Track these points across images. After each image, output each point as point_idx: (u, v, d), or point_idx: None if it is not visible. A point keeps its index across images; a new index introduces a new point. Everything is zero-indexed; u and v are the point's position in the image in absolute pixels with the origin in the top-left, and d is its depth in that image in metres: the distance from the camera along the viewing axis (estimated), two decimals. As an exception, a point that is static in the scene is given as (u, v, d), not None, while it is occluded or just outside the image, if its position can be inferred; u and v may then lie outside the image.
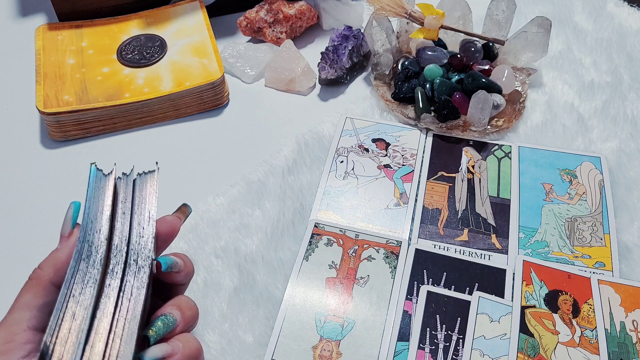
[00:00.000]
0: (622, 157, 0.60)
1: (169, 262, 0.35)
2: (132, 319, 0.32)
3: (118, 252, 0.34)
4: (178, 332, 0.34)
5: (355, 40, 0.68)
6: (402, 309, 0.49)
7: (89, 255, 0.33)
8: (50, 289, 0.33)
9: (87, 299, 0.31)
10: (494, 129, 0.62)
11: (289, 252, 0.53)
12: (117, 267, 0.33)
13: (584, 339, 0.46)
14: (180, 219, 0.38)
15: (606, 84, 0.68)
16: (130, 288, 0.33)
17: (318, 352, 0.46)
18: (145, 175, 0.37)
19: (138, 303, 0.33)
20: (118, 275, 0.33)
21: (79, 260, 0.32)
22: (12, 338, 0.31)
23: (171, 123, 0.65)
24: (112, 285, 0.33)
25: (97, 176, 0.36)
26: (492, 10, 0.68)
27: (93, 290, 0.32)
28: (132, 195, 0.36)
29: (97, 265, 0.33)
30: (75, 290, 0.32)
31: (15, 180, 0.60)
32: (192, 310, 0.36)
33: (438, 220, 0.55)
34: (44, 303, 0.33)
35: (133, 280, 0.33)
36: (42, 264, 0.34)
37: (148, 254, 0.34)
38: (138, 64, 0.67)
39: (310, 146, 0.62)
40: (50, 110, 0.60)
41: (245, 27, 0.74)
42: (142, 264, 0.34)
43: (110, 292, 0.32)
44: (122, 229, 0.35)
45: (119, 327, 0.32)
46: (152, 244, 0.35)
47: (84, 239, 0.33)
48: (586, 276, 0.50)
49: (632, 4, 0.79)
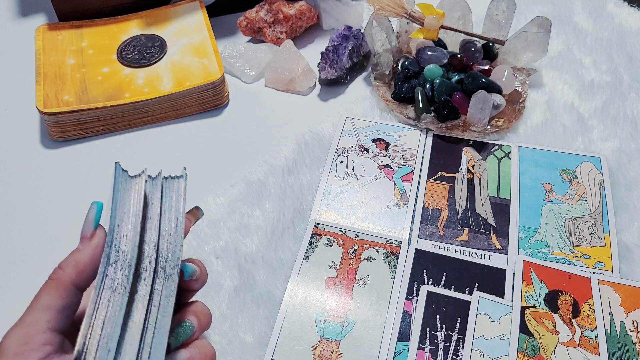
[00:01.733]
0: (622, 157, 0.60)
1: (190, 271, 0.35)
2: (161, 327, 0.32)
3: (146, 259, 0.33)
4: (195, 338, 0.35)
5: (355, 40, 0.68)
6: (402, 309, 0.49)
7: (116, 260, 0.32)
8: (72, 290, 0.33)
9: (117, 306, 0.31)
10: (494, 129, 0.62)
11: (289, 252, 0.53)
12: (145, 274, 0.33)
13: (584, 339, 0.46)
14: (191, 220, 0.38)
15: (606, 84, 0.68)
16: (159, 296, 0.33)
17: (318, 352, 0.46)
18: (173, 179, 0.36)
19: (167, 312, 0.32)
20: (147, 283, 0.33)
21: (107, 265, 0.32)
22: (30, 339, 0.31)
23: (171, 123, 0.65)
24: (141, 293, 0.32)
25: (122, 177, 0.34)
26: (492, 10, 0.68)
27: (122, 297, 0.31)
28: (160, 200, 0.35)
29: (125, 272, 0.32)
30: (104, 297, 0.31)
31: (15, 180, 0.60)
32: (207, 317, 0.37)
33: (438, 220, 0.55)
34: (65, 304, 0.32)
35: (162, 288, 0.33)
36: (63, 264, 0.33)
37: (176, 262, 0.34)
38: (138, 64, 0.67)
39: (310, 146, 0.62)
40: (50, 110, 0.60)
41: (245, 27, 0.74)
42: (171, 272, 0.33)
43: (139, 300, 0.32)
44: (151, 235, 0.34)
45: (149, 336, 0.31)
46: (180, 251, 0.34)
47: (112, 244, 0.32)
48: (586, 276, 0.50)
49: (632, 4, 0.79)
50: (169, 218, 0.35)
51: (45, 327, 0.31)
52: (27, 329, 0.31)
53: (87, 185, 0.59)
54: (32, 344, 0.30)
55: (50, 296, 0.32)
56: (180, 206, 0.35)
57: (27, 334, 0.31)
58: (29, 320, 0.31)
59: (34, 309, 0.32)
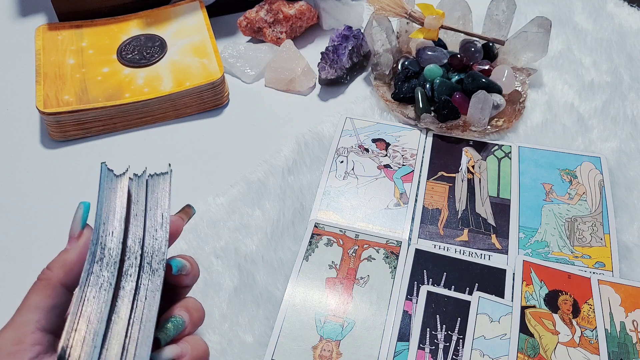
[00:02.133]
0: (622, 157, 0.60)
1: (179, 265, 0.36)
2: (147, 322, 0.32)
3: (132, 255, 0.33)
4: (187, 333, 0.35)
5: (355, 40, 0.68)
6: (402, 309, 0.49)
7: (102, 257, 0.32)
8: (60, 290, 0.33)
9: (102, 302, 0.31)
10: (494, 129, 0.62)
11: (289, 252, 0.53)
12: (131, 270, 0.33)
13: (584, 339, 0.46)
14: (183, 219, 0.38)
15: (606, 84, 0.68)
16: (144, 291, 0.33)
17: (318, 352, 0.46)
18: (158, 176, 0.36)
19: (153, 306, 0.33)
20: (133, 279, 0.33)
21: (92, 263, 0.32)
22: (21, 339, 0.31)
23: (171, 123, 0.65)
24: (127, 289, 0.33)
25: (108, 176, 0.35)
26: (492, 10, 0.68)
27: (107, 293, 0.32)
28: (145, 197, 0.36)
29: (110, 268, 0.32)
30: (89, 293, 0.31)
31: (15, 180, 0.60)
32: (199, 312, 0.36)
33: (438, 220, 0.55)
34: (53, 304, 0.32)
35: (147, 283, 0.33)
36: (51, 264, 0.34)
37: (162, 257, 0.34)
38: (138, 64, 0.67)
39: (310, 146, 0.62)
40: (50, 110, 0.60)
41: (245, 27, 0.74)
42: (156, 267, 0.34)
43: (125, 296, 0.32)
44: (136, 232, 0.34)
45: (135, 331, 0.32)
46: (165, 246, 0.34)
47: (97, 241, 0.33)
48: (586, 276, 0.50)
49: (632, 4, 0.79)
50: (155, 214, 0.35)
51: (34, 327, 0.31)
52: (17, 329, 0.31)
53: (87, 185, 0.59)
54: (23, 344, 0.31)
55: (39, 296, 0.32)
56: (166, 202, 0.35)
57: (19, 334, 0.31)
58: (20, 321, 0.32)
59: (23, 310, 0.32)
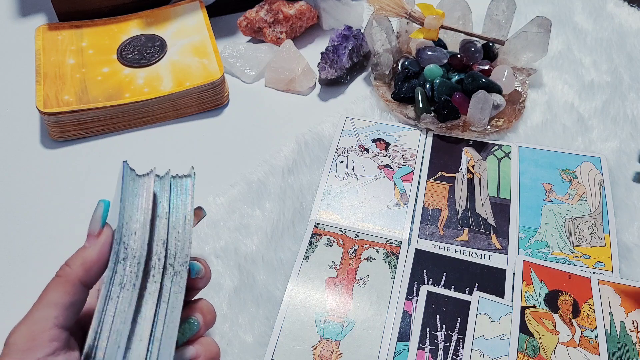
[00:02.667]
0: (622, 157, 0.60)
1: (196, 269, 0.36)
2: (171, 323, 0.33)
3: (155, 256, 0.34)
4: (200, 335, 0.36)
5: (355, 40, 0.68)
6: (402, 309, 0.49)
7: (125, 257, 0.33)
8: (79, 287, 0.33)
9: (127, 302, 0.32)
10: (494, 129, 0.62)
11: (289, 252, 0.53)
12: (154, 271, 0.33)
13: (584, 339, 0.46)
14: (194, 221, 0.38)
15: (606, 84, 0.68)
16: (168, 292, 0.33)
17: (318, 352, 0.46)
18: (181, 178, 0.37)
19: (176, 308, 0.33)
20: (157, 280, 0.33)
21: (116, 263, 0.32)
22: (37, 336, 0.31)
23: (171, 123, 0.65)
24: (151, 289, 0.33)
25: (129, 176, 0.35)
26: (492, 10, 0.68)
27: (132, 293, 0.32)
28: (169, 198, 0.36)
29: (134, 269, 0.33)
30: (114, 293, 0.32)
31: (15, 180, 0.60)
32: (212, 314, 0.38)
33: (438, 220, 0.55)
34: (71, 301, 0.32)
35: (170, 284, 0.34)
36: (70, 261, 0.33)
37: (185, 259, 0.34)
38: (138, 64, 0.67)
39: (310, 146, 0.62)
40: (50, 110, 0.60)
41: (245, 27, 0.74)
42: (179, 269, 0.34)
43: (149, 296, 0.33)
44: (160, 233, 0.35)
45: (158, 331, 0.32)
46: (189, 249, 0.35)
47: (120, 241, 0.33)
48: (586, 276, 0.50)
49: (632, 4, 0.79)
50: (177, 216, 0.35)
51: (52, 323, 0.31)
52: (34, 325, 0.31)
53: (87, 185, 0.59)
54: (39, 340, 0.31)
55: (58, 293, 0.32)
56: (188, 204, 0.36)
57: (34, 330, 0.31)
58: (36, 317, 0.31)
59: (41, 306, 0.32)
